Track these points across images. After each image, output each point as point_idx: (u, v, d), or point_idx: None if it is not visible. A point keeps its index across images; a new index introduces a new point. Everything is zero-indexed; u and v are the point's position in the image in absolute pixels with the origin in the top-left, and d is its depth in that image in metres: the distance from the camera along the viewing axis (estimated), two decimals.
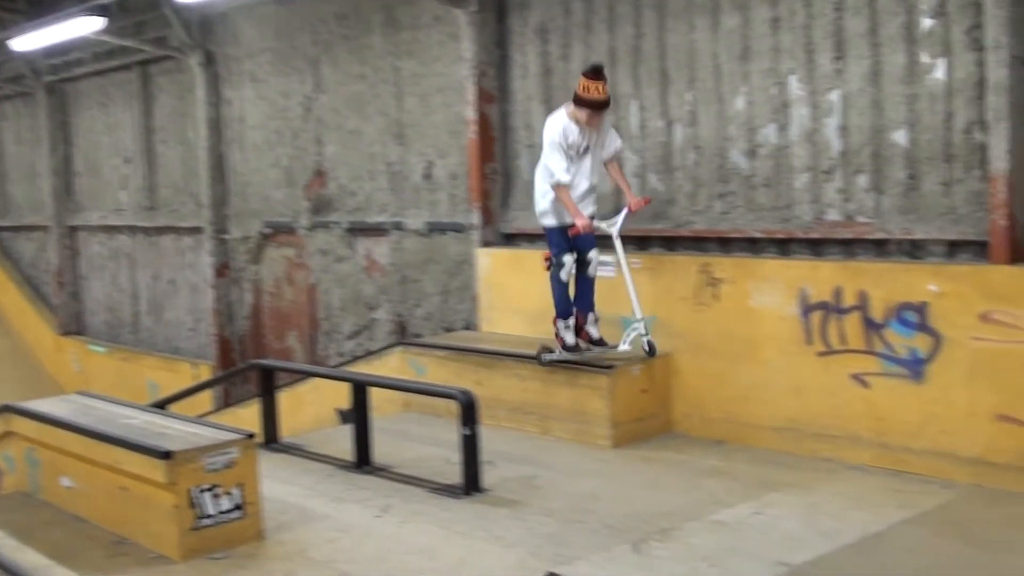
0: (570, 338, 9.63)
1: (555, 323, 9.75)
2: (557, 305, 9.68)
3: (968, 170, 8.43)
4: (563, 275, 9.54)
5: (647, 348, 9.39)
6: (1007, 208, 8.00)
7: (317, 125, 14.25)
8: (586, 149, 9.39)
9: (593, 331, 9.67)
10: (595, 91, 9.08)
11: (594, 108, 9.15)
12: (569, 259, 9.49)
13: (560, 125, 9.30)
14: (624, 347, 9.47)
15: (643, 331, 9.37)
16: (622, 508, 7.94)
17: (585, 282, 9.67)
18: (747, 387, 9.27)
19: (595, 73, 9.09)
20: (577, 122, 9.25)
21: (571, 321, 9.63)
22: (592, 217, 9.50)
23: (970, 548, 6.95)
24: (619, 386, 9.63)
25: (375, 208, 13.56)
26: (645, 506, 7.97)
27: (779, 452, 9.05)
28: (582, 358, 9.67)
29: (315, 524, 7.79)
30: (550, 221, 9.62)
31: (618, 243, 9.43)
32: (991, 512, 7.60)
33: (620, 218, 9.53)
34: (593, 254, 9.53)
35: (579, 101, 9.16)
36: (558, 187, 9.31)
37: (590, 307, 9.71)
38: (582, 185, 9.46)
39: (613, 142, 9.60)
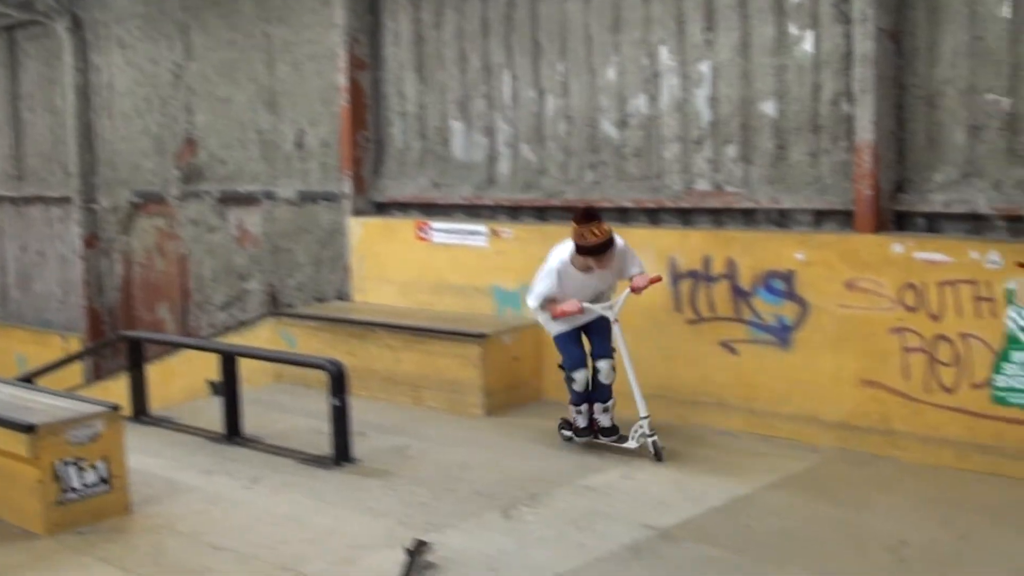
0: (582, 423, 8.46)
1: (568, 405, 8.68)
2: (571, 398, 8.52)
3: (835, 141, 8.47)
4: (577, 388, 8.38)
5: (653, 450, 8.08)
6: (872, 178, 8.06)
7: (187, 92, 13.87)
8: (600, 293, 8.37)
9: (603, 419, 8.40)
10: (591, 235, 7.93)
11: (597, 253, 8.00)
12: (581, 376, 8.33)
13: (557, 264, 8.22)
14: (631, 445, 8.19)
15: (647, 430, 8.13)
16: (493, 475, 7.93)
17: (601, 386, 8.39)
18: (618, 355, 9.21)
19: (585, 218, 8.01)
20: (582, 268, 8.16)
21: (583, 408, 8.44)
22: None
23: (833, 509, 7.03)
24: (491, 355, 9.59)
25: (246, 177, 13.26)
26: (516, 473, 7.96)
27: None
28: (593, 443, 8.53)
29: (183, 496, 7.67)
30: (555, 329, 8.46)
31: (616, 328, 8.26)
32: (855, 474, 7.71)
33: (620, 299, 8.31)
34: (603, 364, 8.30)
35: (580, 250, 8.06)
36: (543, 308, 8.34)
37: (603, 399, 8.39)
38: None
39: (632, 267, 8.38)
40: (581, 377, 8.32)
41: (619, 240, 8.16)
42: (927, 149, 8.10)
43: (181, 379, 11.74)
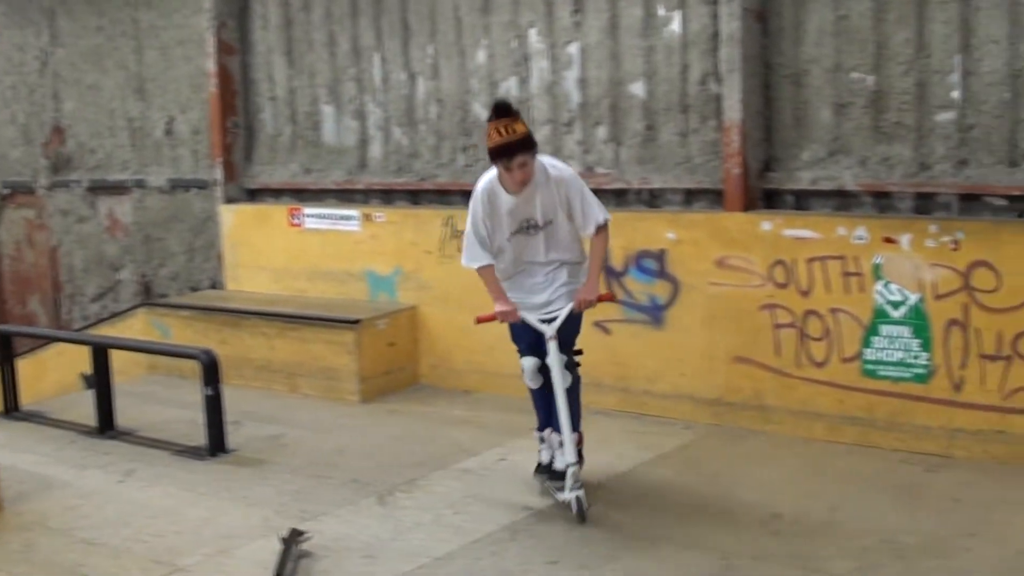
0: (544, 457, 6.99)
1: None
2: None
3: (703, 120, 8.39)
4: (526, 381, 6.97)
5: (575, 508, 6.42)
6: (740, 157, 8.00)
7: (54, 80, 13.38)
8: (532, 225, 6.64)
9: (557, 457, 6.79)
10: (497, 133, 6.40)
11: (504, 155, 6.38)
12: (527, 367, 6.84)
13: (480, 186, 6.68)
14: (564, 496, 6.52)
15: (572, 481, 6.47)
16: (369, 462, 7.81)
17: (555, 395, 6.68)
18: (492, 337, 9.01)
19: (495, 113, 6.47)
20: (512, 186, 6.54)
21: (546, 435, 6.98)
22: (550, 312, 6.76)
23: (708, 484, 7.03)
24: (366, 341, 9.40)
25: (116, 166, 12.84)
26: (392, 458, 7.85)
27: (524, 399, 8.74)
28: (542, 486, 6.95)
29: (55, 492, 7.42)
30: None
31: (552, 346, 6.60)
32: (728, 449, 7.70)
33: (562, 313, 6.66)
34: (552, 359, 6.61)
35: (489, 155, 6.53)
36: (478, 272, 6.82)
37: (558, 426, 6.72)
38: (530, 277, 6.84)
39: (591, 213, 6.61)
40: (527, 367, 6.83)
41: (561, 166, 6.73)
42: (794, 127, 8.06)
43: (53, 373, 11.38)
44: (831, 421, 7.64)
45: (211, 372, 8.07)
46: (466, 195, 9.51)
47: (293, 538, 6.14)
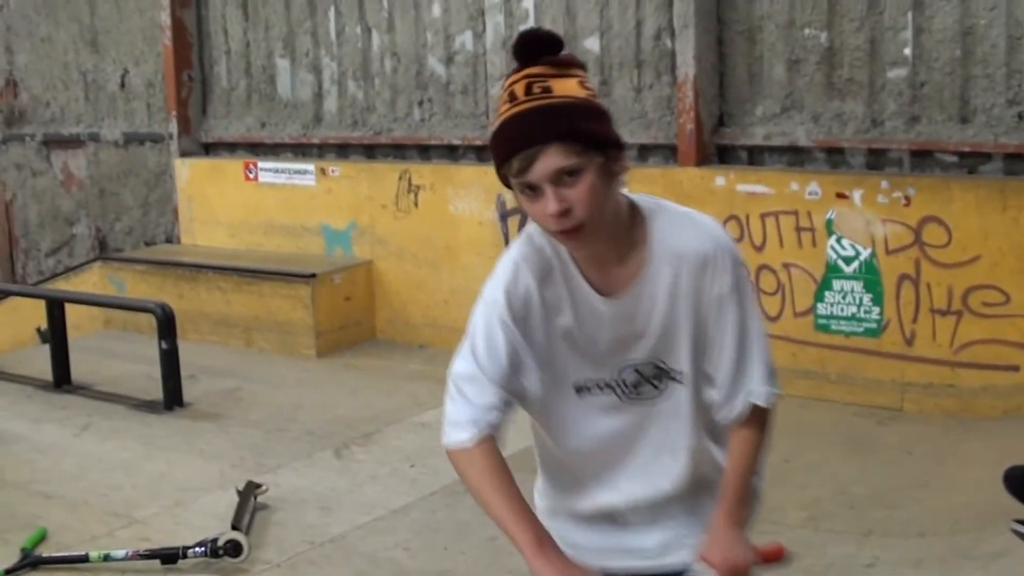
0: None
1: None
2: None
3: (658, 76, 8.27)
4: None
5: None
6: (694, 112, 7.88)
7: (6, 33, 13.04)
8: (650, 377, 2.69)
9: None
10: (509, 99, 2.48)
11: (511, 148, 2.42)
12: None
13: (505, 267, 2.68)
14: None
15: None
16: (325, 416, 7.72)
17: None
18: (448, 292, 8.99)
19: (518, 52, 2.52)
20: (549, 249, 2.61)
21: None
22: None
23: None
24: (322, 295, 9.25)
25: (71, 119, 12.56)
26: (348, 412, 7.77)
27: None
28: None
29: (11, 446, 7.30)
30: None
31: None
32: None
33: None
34: None
35: (491, 142, 2.53)
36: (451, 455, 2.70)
37: None
38: (604, 493, 2.82)
39: (746, 370, 2.67)
40: None
41: (712, 227, 2.68)
42: (747, 83, 7.95)
43: (9, 327, 11.16)
44: (784, 375, 7.41)
45: (166, 326, 7.93)
46: (422, 149, 9.46)
47: (250, 490, 6.05)
